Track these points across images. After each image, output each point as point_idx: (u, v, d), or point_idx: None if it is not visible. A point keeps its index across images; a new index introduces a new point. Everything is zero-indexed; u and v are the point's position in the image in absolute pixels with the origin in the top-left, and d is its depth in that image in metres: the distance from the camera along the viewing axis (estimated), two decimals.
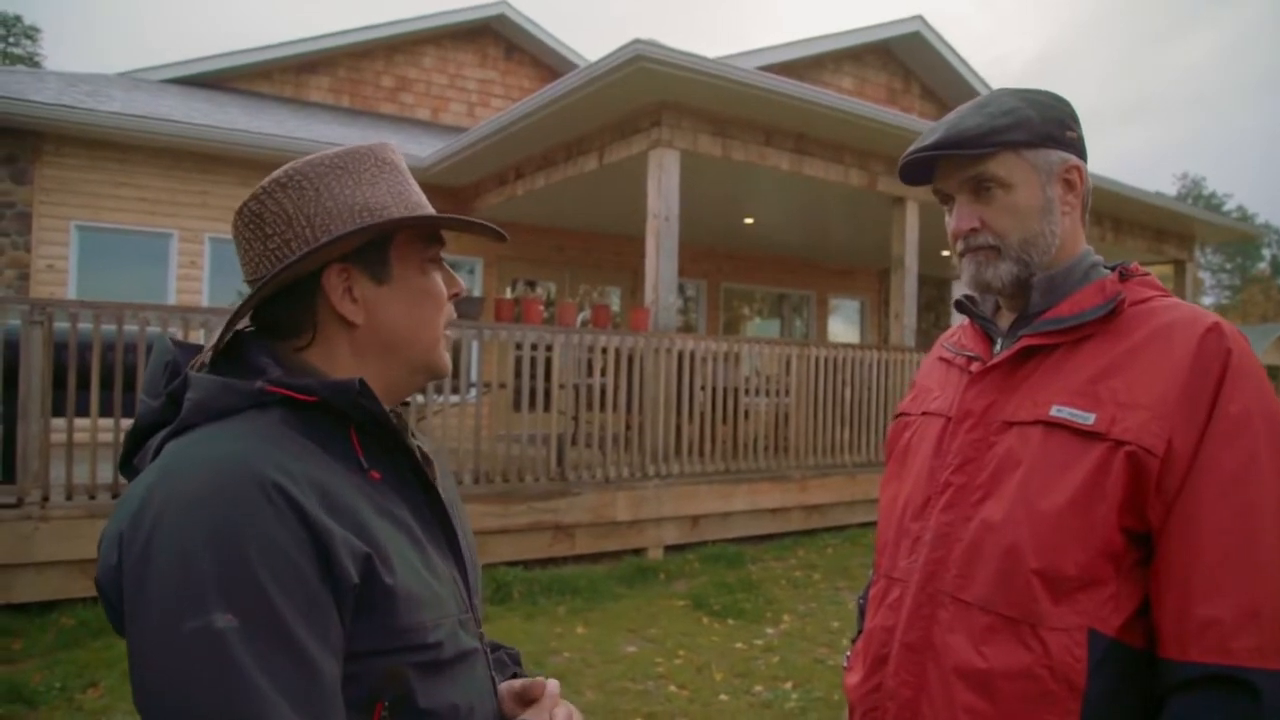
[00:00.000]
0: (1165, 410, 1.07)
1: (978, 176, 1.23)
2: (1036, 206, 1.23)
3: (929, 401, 1.38)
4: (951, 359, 1.38)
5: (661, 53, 6.40)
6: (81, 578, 4.81)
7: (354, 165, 1.00)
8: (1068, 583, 1.08)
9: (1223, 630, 1.00)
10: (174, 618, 0.78)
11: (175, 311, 5.35)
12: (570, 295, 12.21)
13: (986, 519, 1.16)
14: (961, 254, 1.29)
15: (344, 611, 0.85)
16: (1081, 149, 1.26)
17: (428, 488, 1.03)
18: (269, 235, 0.98)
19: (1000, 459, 1.18)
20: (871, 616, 1.33)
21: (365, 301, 1.00)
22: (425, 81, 14.08)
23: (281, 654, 0.79)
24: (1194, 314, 1.13)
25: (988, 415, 1.22)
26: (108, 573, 0.85)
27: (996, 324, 1.33)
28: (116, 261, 9.19)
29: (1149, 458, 1.06)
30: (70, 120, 8.52)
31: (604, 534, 6.58)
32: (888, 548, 1.34)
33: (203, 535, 0.79)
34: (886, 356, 8.51)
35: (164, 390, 0.97)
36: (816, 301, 15.02)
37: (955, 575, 1.18)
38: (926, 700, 1.18)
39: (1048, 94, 1.26)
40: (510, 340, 6.45)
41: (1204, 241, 14.11)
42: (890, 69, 14.13)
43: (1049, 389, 1.17)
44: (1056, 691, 1.07)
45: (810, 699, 4.09)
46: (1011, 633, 1.11)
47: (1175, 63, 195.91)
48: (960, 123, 1.23)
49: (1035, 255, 1.23)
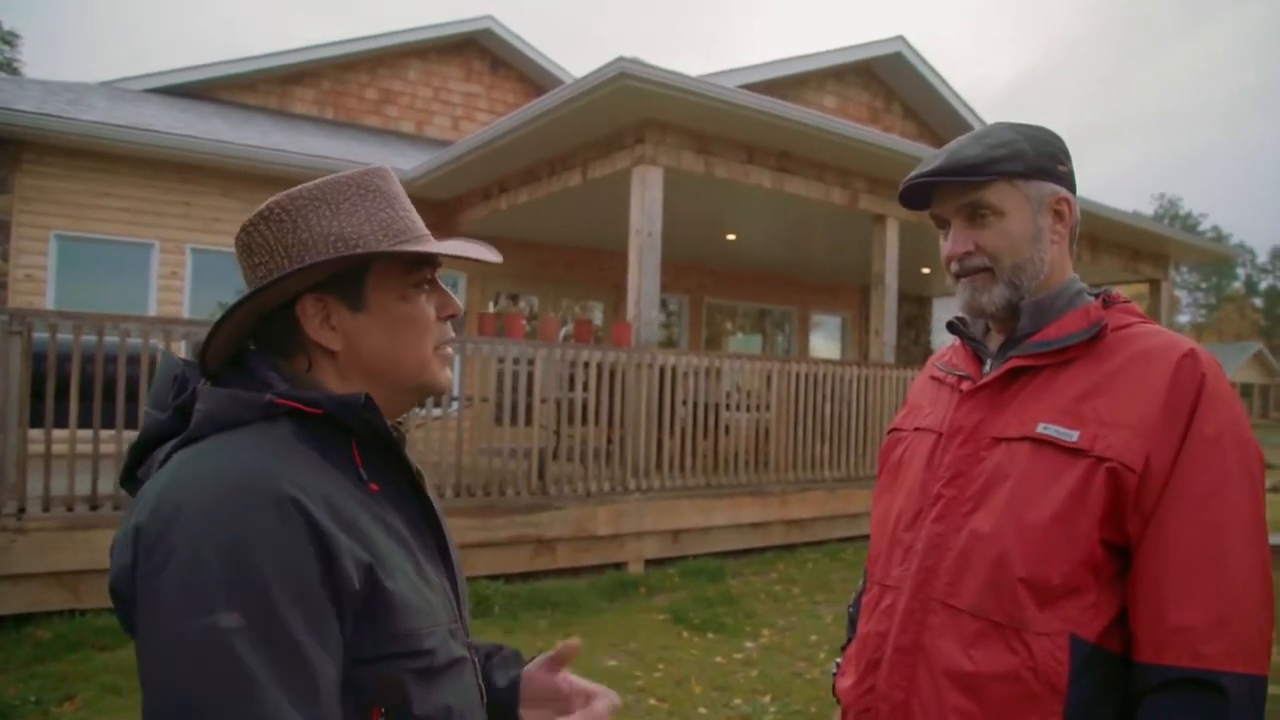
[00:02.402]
0: (1145, 430, 1.14)
1: (974, 203, 1.30)
2: (1027, 234, 1.29)
3: (921, 418, 1.44)
4: (943, 378, 1.44)
5: (646, 70, 6.45)
6: (58, 590, 4.78)
7: (333, 196, 1.02)
8: (1052, 591, 1.15)
9: (1194, 636, 1.07)
10: (181, 616, 0.80)
11: (156, 323, 5.33)
12: (553, 310, 12.28)
13: (976, 529, 1.22)
14: (957, 276, 1.35)
15: (345, 618, 0.88)
16: (1071, 182, 1.33)
17: (422, 500, 1.07)
18: (256, 264, 1.02)
19: (989, 473, 1.25)
20: (864, 622, 1.39)
21: (343, 329, 1.03)
22: (410, 94, 14.10)
23: (284, 656, 0.82)
24: (1171, 340, 1.21)
25: (978, 431, 1.29)
26: (122, 574, 0.87)
27: (986, 345, 1.39)
28: (96, 271, 9.13)
29: (1128, 474, 1.13)
30: (52, 129, 8.47)
31: (585, 548, 6.59)
32: (881, 556, 1.40)
33: (214, 539, 0.83)
34: (867, 373, 8.56)
35: (172, 403, 1.00)
36: (798, 317, 15.09)
37: (946, 583, 1.24)
38: (918, 702, 1.24)
39: (1043, 129, 1.34)
40: (493, 354, 6.46)
41: (1179, 261, 14.29)
42: (872, 88, 14.26)
43: (1036, 408, 1.24)
44: (1040, 693, 1.14)
45: (788, 712, 4.11)
46: (999, 637, 1.17)
47: (1153, 84, 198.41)
48: (960, 151, 1.30)
49: (1025, 280, 1.30)
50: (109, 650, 4.45)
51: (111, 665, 4.24)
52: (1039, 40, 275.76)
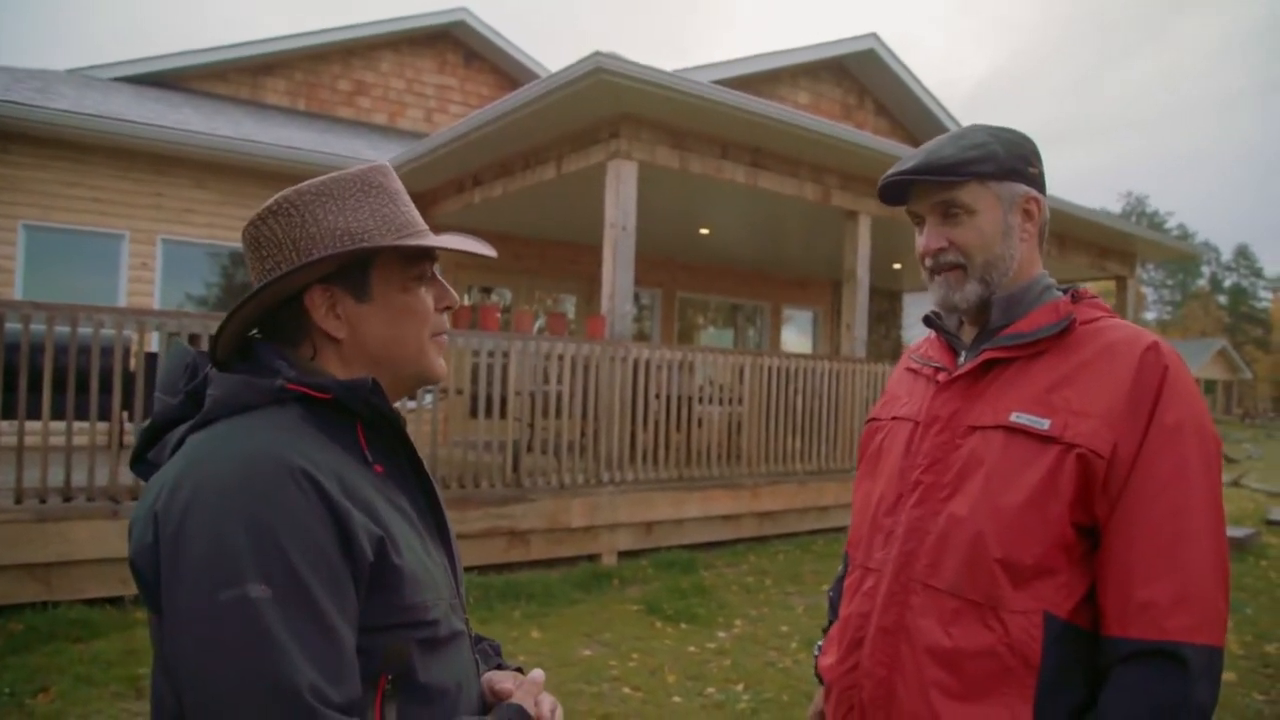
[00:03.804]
0: (1112, 419, 1.21)
1: (947, 201, 1.37)
2: (998, 232, 1.36)
3: (898, 407, 1.51)
4: (919, 369, 1.51)
5: (621, 65, 6.48)
6: (31, 582, 4.76)
7: (339, 192, 1.08)
8: (1025, 571, 1.23)
9: (1158, 611, 1.15)
10: (210, 588, 0.85)
11: (130, 314, 5.29)
12: (527, 303, 12.28)
13: (954, 513, 1.29)
14: (932, 272, 1.42)
15: (360, 587, 0.93)
16: (1041, 183, 1.40)
17: (423, 482, 1.13)
18: (264, 257, 1.07)
19: (965, 460, 1.31)
20: (847, 604, 1.46)
21: (348, 318, 1.08)
22: (383, 86, 14.03)
23: (309, 623, 0.86)
24: (1136, 334, 1.28)
25: (954, 420, 1.36)
26: (143, 552, 0.91)
27: (960, 338, 1.46)
28: (66, 262, 9.04)
29: (1097, 460, 1.20)
30: (20, 118, 8.37)
31: (559, 540, 6.63)
32: (862, 541, 1.47)
33: (236, 515, 0.87)
34: (838, 367, 8.66)
35: (184, 388, 1.05)
36: (770, 312, 15.18)
37: (926, 564, 1.31)
38: (900, 677, 1.30)
39: (1015, 133, 1.41)
40: (467, 347, 6.49)
41: (1146, 259, 14.49)
42: (845, 85, 14.38)
43: (1009, 397, 1.31)
44: (1015, 667, 1.21)
45: (761, 700, 4.18)
46: (976, 615, 1.25)
47: (1121, 84, 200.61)
48: (937, 151, 1.36)
49: (996, 276, 1.37)
50: (83, 642, 4.44)
51: (85, 657, 4.24)
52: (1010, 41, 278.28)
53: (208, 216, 9.63)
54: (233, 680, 0.83)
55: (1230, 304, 72.65)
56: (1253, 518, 10.64)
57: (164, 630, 0.89)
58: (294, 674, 0.83)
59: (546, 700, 1.16)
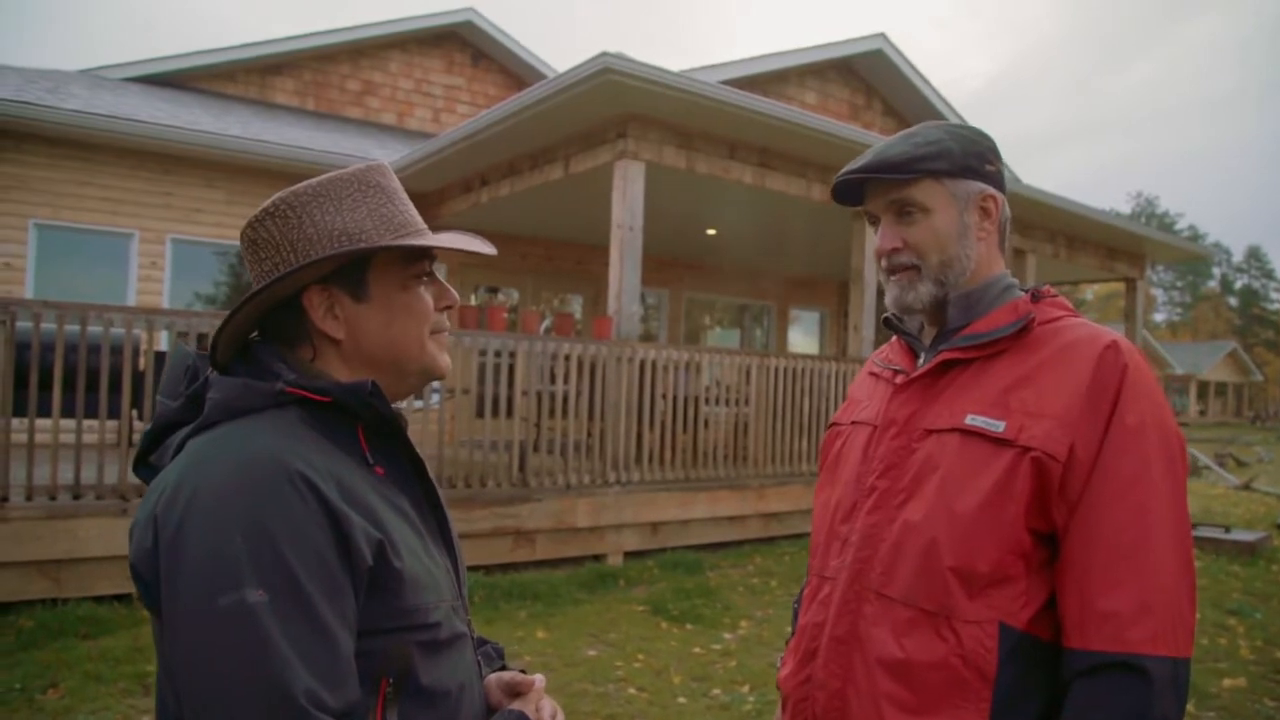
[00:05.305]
0: (1069, 420, 1.17)
1: (901, 200, 1.34)
2: (953, 231, 1.33)
3: (859, 412, 1.48)
4: (880, 372, 1.48)
5: (629, 65, 6.49)
6: (40, 579, 4.79)
7: (336, 192, 1.07)
8: (980, 579, 1.18)
9: (1120, 621, 1.10)
10: (208, 594, 0.86)
11: (140, 313, 5.32)
12: (534, 303, 12.30)
13: (908, 520, 1.25)
14: (887, 272, 1.39)
15: (359, 591, 0.94)
16: (1000, 181, 1.37)
17: (425, 484, 1.13)
18: (263, 258, 1.07)
19: (920, 464, 1.27)
20: (804, 614, 1.42)
21: (347, 318, 1.08)
22: (391, 86, 14.06)
23: (306, 628, 0.87)
24: (1095, 332, 1.25)
25: (910, 424, 1.32)
26: (143, 556, 0.92)
27: (920, 339, 1.44)
28: (76, 261, 9.10)
29: (1052, 463, 1.16)
30: (31, 118, 8.43)
31: (564, 540, 6.65)
32: (819, 549, 1.43)
33: (235, 519, 0.88)
34: (844, 368, 8.65)
35: (184, 392, 1.05)
36: (777, 312, 15.17)
37: (880, 573, 1.27)
38: (853, 689, 1.26)
39: (972, 129, 1.37)
40: (474, 346, 6.50)
41: (1155, 260, 14.43)
42: (853, 85, 14.35)
43: (965, 399, 1.27)
44: (970, 680, 1.16)
45: (766, 701, 4.19)
46: (929, 625, 1.20)
47: (1131, 84, 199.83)
48: (887, 150, 1.33)
49: (951, 276, 1.34)
50: (91, 639, 4.47)
51: (94, 653, 4.27)
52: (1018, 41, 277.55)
53: (217, 216, 9.67)
54: (229, 685, 0.84)
55: (1241, 306, 72.37)
56: (1264, 521, 10.59)
57: (163, 634, 0.90)
58: (290, 679, 0.84)
59: (547, 705, 1.16)
